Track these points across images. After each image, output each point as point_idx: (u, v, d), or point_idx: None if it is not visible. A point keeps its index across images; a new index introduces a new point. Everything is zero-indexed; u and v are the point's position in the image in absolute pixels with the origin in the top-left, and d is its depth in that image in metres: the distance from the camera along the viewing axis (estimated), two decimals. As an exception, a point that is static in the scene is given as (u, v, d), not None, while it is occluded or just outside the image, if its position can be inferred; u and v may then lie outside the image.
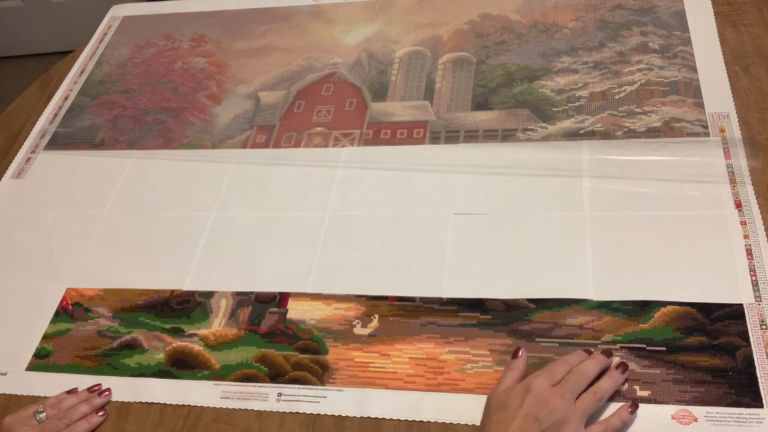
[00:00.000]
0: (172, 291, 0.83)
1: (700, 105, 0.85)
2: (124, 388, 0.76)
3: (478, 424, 0.66)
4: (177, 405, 0.74)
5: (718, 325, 0.68)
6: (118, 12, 1.26)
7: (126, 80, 1.12)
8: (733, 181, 0.78)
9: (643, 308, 0.71)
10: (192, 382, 0.75)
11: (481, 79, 0.96)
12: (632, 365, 0.67)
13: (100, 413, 0.74)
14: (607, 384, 0.64)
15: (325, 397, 0.71)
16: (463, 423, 0.67)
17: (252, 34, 1.13)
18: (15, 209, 0.96)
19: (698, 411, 0.63)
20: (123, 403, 0.75)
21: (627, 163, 0.82)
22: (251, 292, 0.81)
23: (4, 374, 0.79)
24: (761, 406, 0.63)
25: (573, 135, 0.86)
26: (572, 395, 0.62)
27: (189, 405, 0.73)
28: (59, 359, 0.79)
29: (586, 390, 0.64)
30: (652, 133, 0.84)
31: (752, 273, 0.70)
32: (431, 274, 0.78)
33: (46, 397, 0.75)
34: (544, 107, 0.90)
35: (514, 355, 0.68)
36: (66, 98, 1.11)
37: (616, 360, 0.67)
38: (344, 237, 0.83)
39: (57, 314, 0.83)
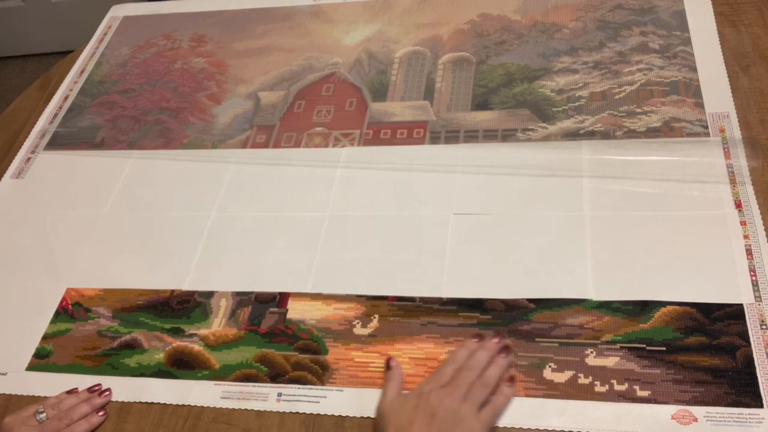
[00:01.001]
0: (172, 291, 0.83)
1: (700, 105, 0.85)
2: (124, 388, 0.76)
3: (478, 424, 0.66)
4: (177, 405, 0.74)
5: (718, 325, 0.68)
6: (118, 12, 1.26)
7: (126, 80, 1.12)
8: (733, 181, 0.78)
9: (643, 308, 0.71)
10: (192, 382, 0.75)
11: (481, 79, 0.96)
12: (632, 365, 0.67)
13: (101, 413, 0.74)
14: (493, 371, 0.67)
15: (325, 397, 0.71)
16: (463, 423, 0.67)
17: (252, 34, 1.13)
18: (15, 209, 0.96)
19: (698, 411, 0.63)
20: (123, 403, 0.75)
21: (627, 163, 0.82)
22: (251, 292, 0.81)
23: (4, 374, 0.79)
24: (761, 406, 0.63)
25: (573, 135, 0.86)
26: (463, 391, 0.64)
27: (189, 405, 0.73)
28: (59, 359, 0.79)
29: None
30: (652, 133, 0.84)
31: (752, 273, 0.70)
32: (431, 274, 0.78)
33: (46, 397, 0.75)
34: (544, 107, 0.90)
35: (388, 367, 0.70)
36: (66, 98, 1.11)
37: (508, 341, 0.70)
38: (344, 237, 0.83)
39: (57, 314, 0.83)
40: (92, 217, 0.93)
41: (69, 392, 0.75)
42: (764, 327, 0.67)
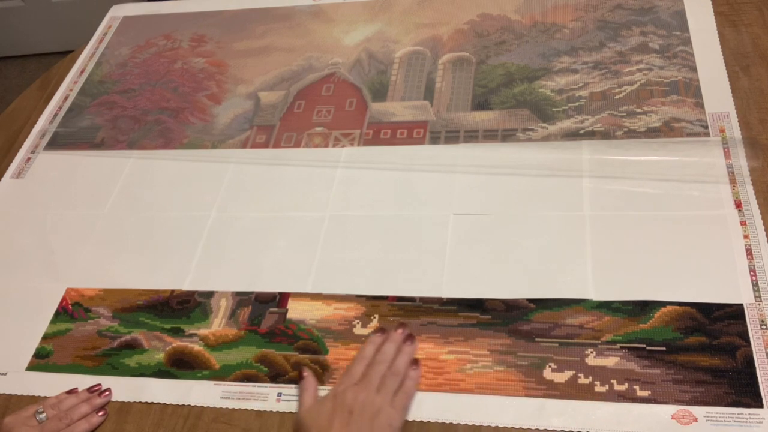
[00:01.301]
0: (172, 291, 0.83)
1: (700, 105, 0.85)
2: (124, 388, 0.76)
3: (478, 424, 0.66)
4: (177, 405, 0.74)
5: (718, 325, 0.68)
6: (118, 12, 1.26)
7: (126, 80, 1.12)
8: (733, 181, 0.78)
9: (643, 308, 0.71)
10: (192, 382, 0.75)
11: (481, 79, 0.96)
12: (632, 365, 0.67)
13: (100, 413, 0.74)
14: (401, 360, 0.70)
15: (325, 397, 0.71)
16: (463, 423, 0.67)
17: (252, 34, 1.13)
18: (15, 209, 0.96)
19: (698, 411, 0.63)
20: (123, 403, 0.75)
21: (627, 163, 0.82)
22: (251, 292, 0.81)
23: (4, 374, 0.79)
24: (761, 406, 0.63)
25: (573, 135, 0.86)
26: (376, 384, 0.67)
27: (189, 405, 0.73)
28: (59, 359, 0.79)
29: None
30: (652, 133, 0.84)
31: (752, 273, 0.70)
32: (431, 274, 0.78)
33: (46, 397, 0.75)
34: (544, 107, 0.90)
35: (301, 377, 0.71)
36: (66, 98, 1.11)
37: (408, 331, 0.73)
38: (344, 237, 0.83)
39: (57, 314, 0.83)
40: (92, 217, 0.93)
41: (69, 392, 0.75)
42: (764, 327, 0.67)
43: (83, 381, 0.77)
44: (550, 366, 0.69)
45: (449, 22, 1.06)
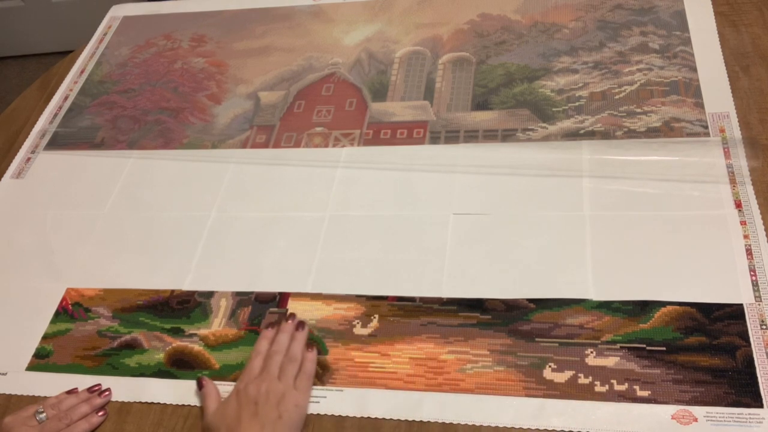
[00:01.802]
0: (172, 291, 0.83)
1: (700, 105, 0.85)
2: (124, 388, 0.76)
3: (478, 424, 0.66)
4: (177, 405, 0.74)
5: (718, 325, 0.68)
6: (118, 12, 1.26)
7: (126, 80, 1.12)
8: (733, 181, 0.78)
9: (643, 308, 0.71)
10: (192, 382, 0.75)
11: (481, 79, 0.96)
12: (632, 365, 0.67)
13: (100, 413, 0.74)
14: (296, 346, 0.72)
15: (325, 397, 0.71)
16: (463, 423, 0.67)
17: (252, 34, 1.13)
18: (15, 209, 0.96)
19: (698, 411, 0.63)
20: (123, 403, 0.75)
21: (627, 163, 0.82)
22: (251, 292, 0.81)
23: (4, 374, 0.79)
24: (761, 406, 0.63)
25: (573, 135, 0.86)
26: (275, 373, 0.69)
27: (189, 405, 0.73)
28: (59, 359, 0.79)
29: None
30: (652, 133, 0.84)
31: (752, 273, 0.70)
32: (431, 274, 0.78)
33: (46, 397, 0.75)
34: (544, 107, 0.90)
35: (201, 387, 0.72)
36: (66, 98, 1.11)
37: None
38: (344, 237, 0.83)
39: (57, 314, 0.83)
40: (92, 217, 0.93)
41: (69, 392, 0.75)
42: (764, 327, 0.67)
43: (83, 381, 0.77)
44: (550, 366, 0.69)
45: (449, 22, 1.06)
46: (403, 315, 0.75)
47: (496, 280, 0.76)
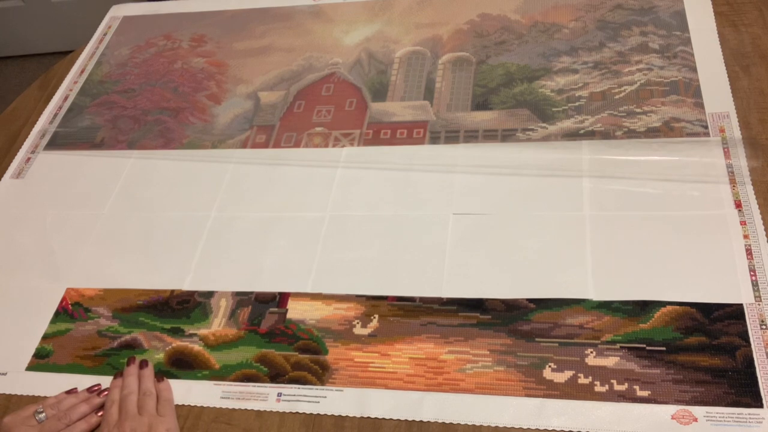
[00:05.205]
0: (172, 291, 0.83)
1: (700, 105, 0.85)
2: (124, 388, 0.76)
3: (478, 423, 0.66)
4: (177, 405, 0.73)
5: (718, 325, 0.68)
6: (118, 12, 1.26)
7: (126, 80, 1.12)
8: (733, 181, 0.78)
9: (642, 308, 0.71)
10: (192, 382, 0.75)
11: (481, 79, 0.96)
12: (632, 365, 0.67)
13: (100, 413, 0.73)
14: (147, 383, 0.73)
15: (325, 397, 0.71)
16: (463, 423, 0.67)
17: (252, 34, 1.13)
18: (15, 209, 0.96)
19: (698, 411, 0.63)
20: (123, 403, 0.75)
21: (627, 163, 0.82)
22: (251, 292, 0.81)
23: (4, 374, 0.79)
24: (761, 406, 0.63)
25: (573, 135, 0.86)
26: (134, 411, 0.70)
27: (189, 405, 0.73)
28: (59, 359, 0.79)
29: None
30: (652, 133, 0.84)
31: (752, 273, 0.70)
32: (431, 274, 0.78)
33: (45, 397, 0.75)
34: (544, 107, 0.90)
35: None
36: (66, 98, 1.11)
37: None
38: (344, 237, 0.83)
39: (57, 314, 0.83)
40: (92, 217, 0.93)
41: (68, 392, 0.75)
42: (764, 327, 0.67)
43: (83, 381, 0.77)
44: (550, 366, 0.69)
45: (449, 22, 1.06)
46: (403, 315, 0.75)
47: (496, 280, 0.76)
